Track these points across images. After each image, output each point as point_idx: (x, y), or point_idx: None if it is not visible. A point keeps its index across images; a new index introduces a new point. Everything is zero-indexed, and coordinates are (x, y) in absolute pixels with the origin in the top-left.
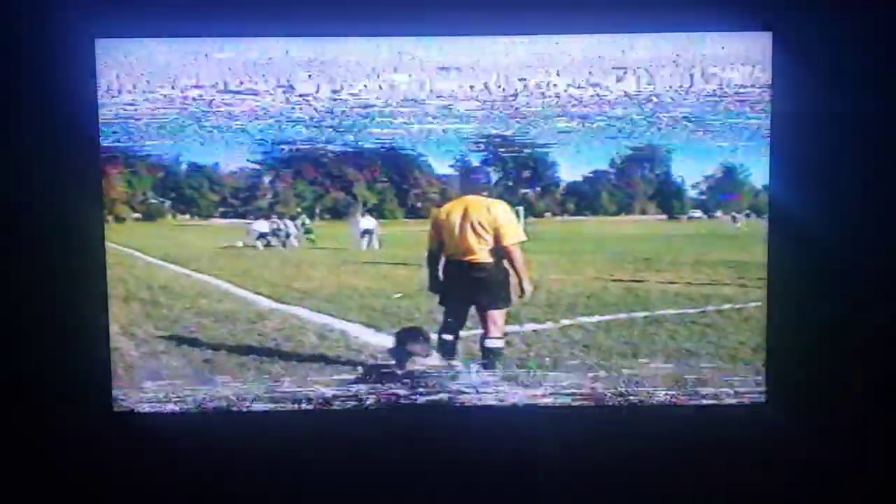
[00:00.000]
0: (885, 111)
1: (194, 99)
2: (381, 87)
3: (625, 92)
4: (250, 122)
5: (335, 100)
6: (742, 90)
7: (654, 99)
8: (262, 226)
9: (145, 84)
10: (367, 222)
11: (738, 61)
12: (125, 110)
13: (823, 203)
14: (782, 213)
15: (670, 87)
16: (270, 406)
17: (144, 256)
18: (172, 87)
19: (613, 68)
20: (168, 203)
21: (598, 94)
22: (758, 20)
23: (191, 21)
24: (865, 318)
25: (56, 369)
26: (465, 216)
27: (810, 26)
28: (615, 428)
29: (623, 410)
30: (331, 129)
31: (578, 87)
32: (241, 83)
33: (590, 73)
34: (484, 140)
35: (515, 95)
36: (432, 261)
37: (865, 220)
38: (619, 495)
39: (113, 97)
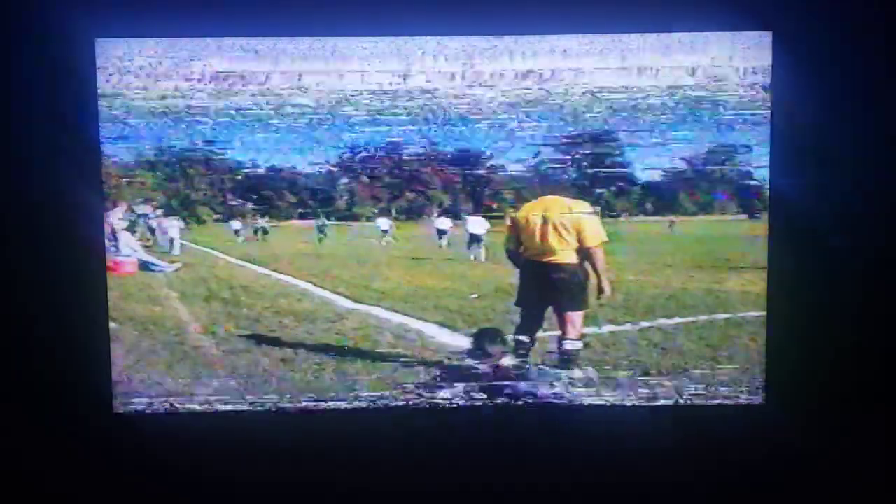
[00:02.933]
0: (885, 111)
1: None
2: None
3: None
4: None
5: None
6: (742, 90)
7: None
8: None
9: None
10: (444, 223)
11: (739, 61)
12: (189, 110)
13: (824, 202)
14: (782, 213)
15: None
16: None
17: (225, 256)
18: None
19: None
20: (249, 204)
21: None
22: (758, 20)
23: (191, 21)
24: (865, 318)
25: (56, 369)
26: (546, 217)
27: (810, 26)
28: (615, 428)
29: (622, 410)
30: (404, 129)
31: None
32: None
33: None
34: (562, 139)
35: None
36: (511, 259)
37: (866, 219)
38: (619, 495)
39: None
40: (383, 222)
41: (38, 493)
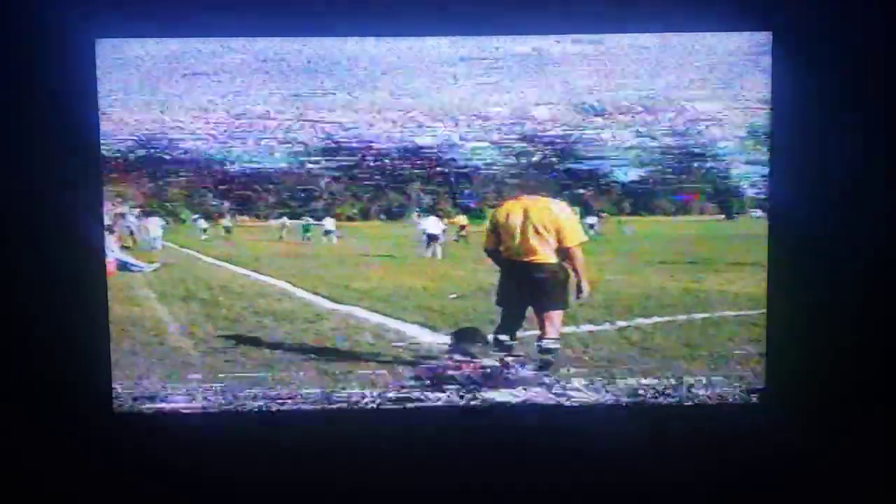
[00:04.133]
0: (885, 111)
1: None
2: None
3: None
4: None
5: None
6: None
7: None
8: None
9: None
10: (431, 225)
11: (738, 61)
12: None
13: (823, 203)
14: (782, 212)
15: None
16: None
17: (203, 257)
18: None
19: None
20: (227, 204)
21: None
22: (758, 20)
23: (192, 21)
24: (865, 318)
25: (56, 369)
26: (526, 217)
27: (811, 26)
28: (615, 428)
29: (622, 410)
30: (380, 130)
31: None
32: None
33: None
34: (539, 139)
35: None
36: (491, 258)
37: (866, 219)
38: (619, 495)
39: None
40: (329, 222)
41: (38, 493)
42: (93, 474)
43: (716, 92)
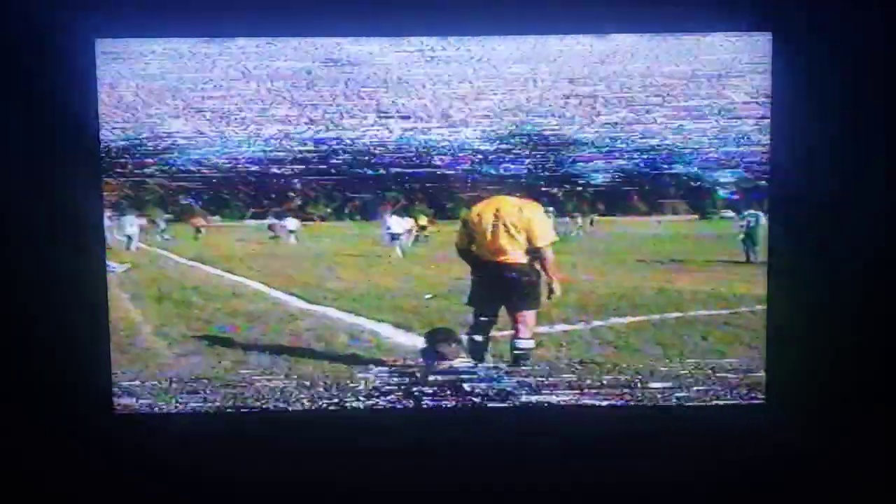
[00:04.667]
0: (885, 111)
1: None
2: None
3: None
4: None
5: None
6: (742, 91)
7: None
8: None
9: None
10: (394, 224)
11: (738, 61)
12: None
13: (824, 202)
14: (782, 212)
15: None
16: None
17: (176, 257)
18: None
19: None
20: (199, 204)
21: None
22: (758, 20)
23: (192, 21)
24: (866, 318)
25: (56, 369)
26: (497, 217)
27: (810, 26)
28: (615, 428)
29: (622, 410)
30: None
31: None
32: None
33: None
34: (516, 139)
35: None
36: (463, 258)
37: (866, 219)
38: (619, 495)
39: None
40: (291, 222)
41: (38, 493)
42: (93, 474)
43: (713, 92)
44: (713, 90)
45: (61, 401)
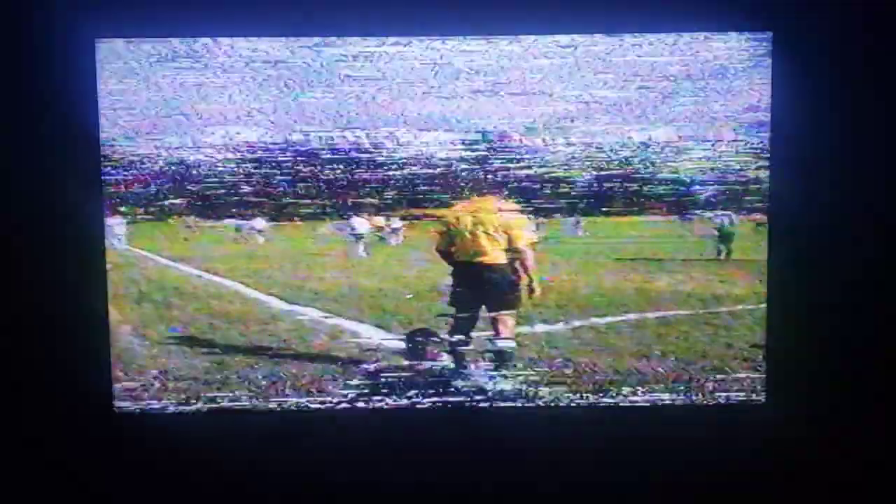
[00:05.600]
0: (885, 111)
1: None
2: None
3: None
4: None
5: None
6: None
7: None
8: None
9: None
10: (358, 224)
11: (738, 61)
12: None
13: (824, 203)
14: (782, 212)
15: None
16: (276, 406)
17: (156, 258)
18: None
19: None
20: (181, 203)
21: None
22: (758, 20)
23: (192, 21)
24: (866, 318)
25: (56, 369)
26: (476, 217)
27: (810, 26)
28: (614, 428)
29: (622, 410)
30: (333, 128)
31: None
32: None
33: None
34: (493, 140)
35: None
36: (443, 258)
37: (866, 219)
38: (619, 495)
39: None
40: (258, 222)
41: (39, 494)
42: (93, 474)
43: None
44: (713, 90)
45: (61, 401)
